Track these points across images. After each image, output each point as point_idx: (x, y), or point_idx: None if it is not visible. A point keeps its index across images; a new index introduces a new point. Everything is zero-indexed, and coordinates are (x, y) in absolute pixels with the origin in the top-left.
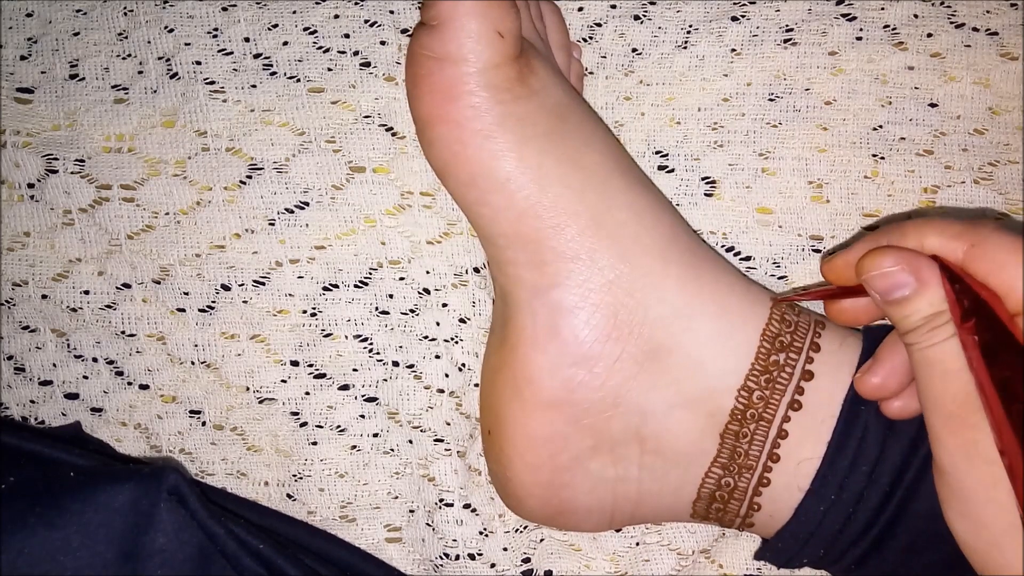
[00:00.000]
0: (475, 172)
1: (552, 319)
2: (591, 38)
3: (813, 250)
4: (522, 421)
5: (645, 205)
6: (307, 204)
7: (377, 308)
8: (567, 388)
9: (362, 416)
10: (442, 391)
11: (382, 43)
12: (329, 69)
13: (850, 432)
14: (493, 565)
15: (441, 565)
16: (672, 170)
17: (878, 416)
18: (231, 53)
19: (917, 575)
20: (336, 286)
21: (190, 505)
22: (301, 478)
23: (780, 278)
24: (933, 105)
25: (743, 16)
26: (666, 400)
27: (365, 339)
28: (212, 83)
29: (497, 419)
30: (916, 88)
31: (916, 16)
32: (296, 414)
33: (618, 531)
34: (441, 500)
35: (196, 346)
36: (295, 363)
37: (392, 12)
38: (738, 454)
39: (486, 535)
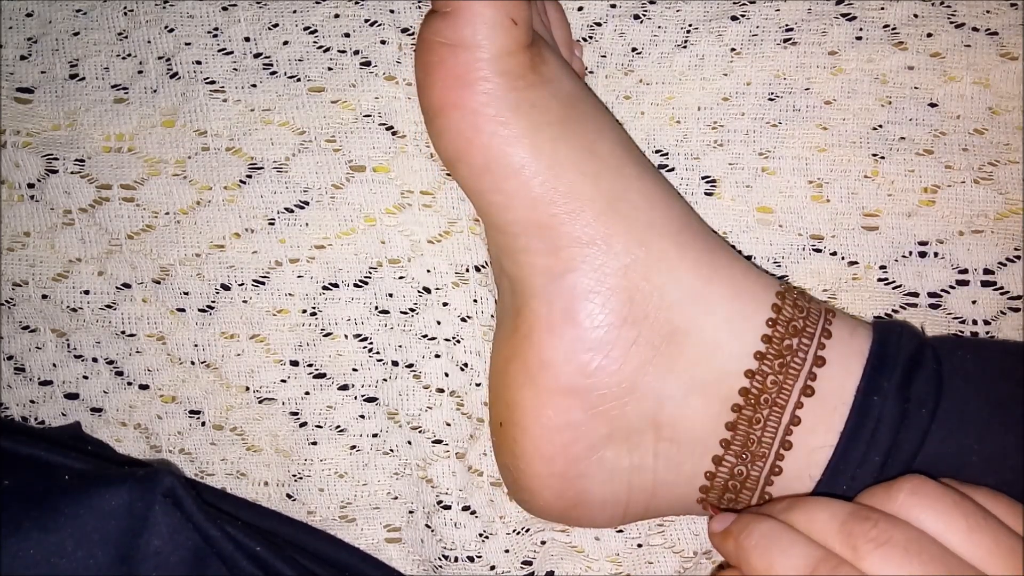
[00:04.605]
0: (489, 159)
1: (568, 304)
2: (591, 37)
3: (814, 249)
4: (537, 409)
5: (658, 192)
6: (307, 203)
7: (377, 307)
8: (583, 373)
9: (362, 416)
10: (442, 391)
11: (382, 42)
12: (329, 68)
13: (863, 422)
14: (493, 567)
15: (441, 566)
16: (672, 169)
17: (890, 407)
18: (231, 53)
19: None
20: (336, 285)
21: (185, 507)
22: (301, 478)
23: (781, 277)
24: (933, 105)
25: (743, 16)
26: (682, 384)
27: (365, 339)
28: (212, 83)
29: (510, 409)
30: (916, 88)
31: (916, 16)
32: (296, 414)
33: (620, 532)
34: (440, 502)
35: (196, 346)
36: (295, 363)
37: (392, 11)
38: (751, 440)
39: (486, 537)
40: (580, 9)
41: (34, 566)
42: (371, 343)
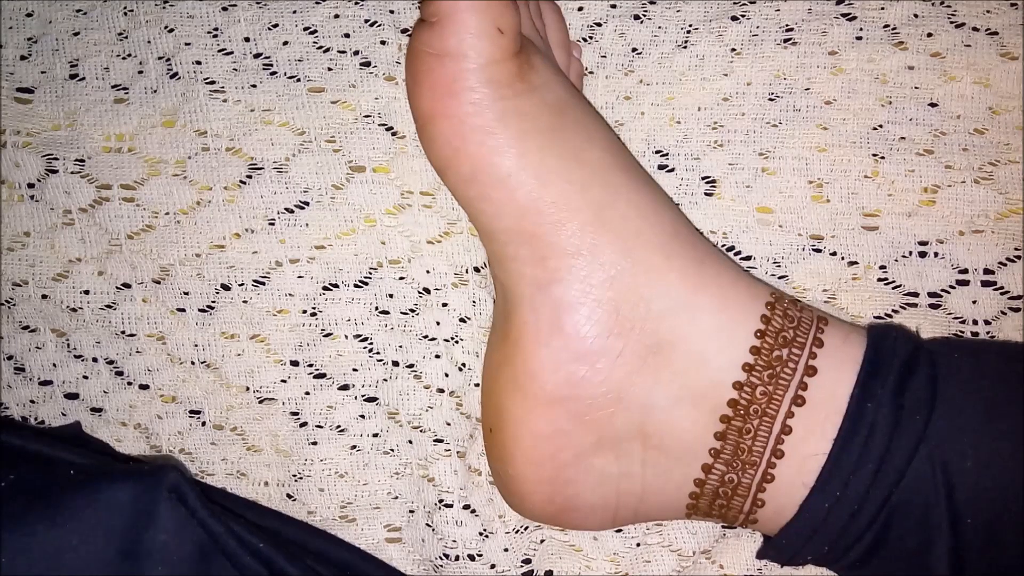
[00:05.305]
0: (476, 168)
1: (554, 314)
2: (591, 38)
3: (814, 250)
4: (525, 417)
5: (647, 201)
6: (307, 204)
7: (377, 308)
8: (570, 384)
9: (362, 416)
10: (442, 391)
11: (382, 43)
12: (329, 69)
13: (856, 429)
14: (493, 566)
15: (441, 565)
16: (672, 169)
17: (884, 414)
18: (231, 53)
19: (920, 574)
20: (336, 286)
21: (190, 503)
22: (301, 478)
23: (780, 278)
24: (933, 105)
25: (743, 16)
26: (669, 395)
27: (365, 339)
28: (212, 83)
29: (499, 416)
30: (916, 88)
31: (916, 16)
32: (296, 414)
33: (619, 531)
34: (441, 501)
35: (196, 346)
36: (295, 363)
37: (392, 12)
38: (741, 450)
39: (486, 536)
40: (580, 9)
41: (39, 561)
42: (371, 343)
